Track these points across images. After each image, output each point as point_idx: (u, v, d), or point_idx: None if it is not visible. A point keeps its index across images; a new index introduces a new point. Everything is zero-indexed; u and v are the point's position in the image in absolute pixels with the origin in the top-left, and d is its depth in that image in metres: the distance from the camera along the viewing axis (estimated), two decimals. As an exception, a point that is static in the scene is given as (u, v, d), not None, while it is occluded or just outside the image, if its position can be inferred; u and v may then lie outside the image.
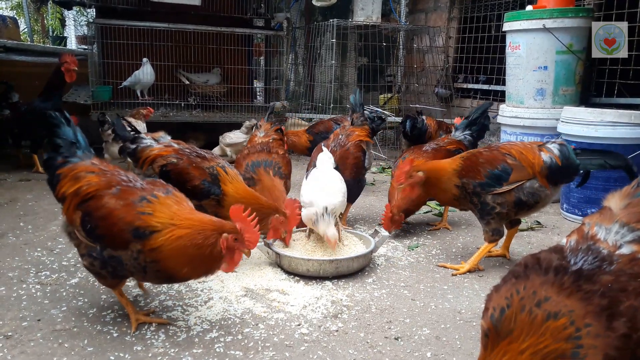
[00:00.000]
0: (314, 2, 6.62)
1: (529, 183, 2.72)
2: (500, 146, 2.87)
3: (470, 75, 6.50)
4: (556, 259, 1.36)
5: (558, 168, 2.71)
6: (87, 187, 2.10)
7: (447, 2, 6.66)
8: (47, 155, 2.27)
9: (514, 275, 1.36)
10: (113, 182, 2.10)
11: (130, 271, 2.05)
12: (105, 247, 2.02)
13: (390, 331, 2.22)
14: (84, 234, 2.06)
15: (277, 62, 7.37)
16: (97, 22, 6.06)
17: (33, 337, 2.09)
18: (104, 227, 2.00)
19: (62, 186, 2.15)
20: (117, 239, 1.98)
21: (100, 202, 2.04)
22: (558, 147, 2.77)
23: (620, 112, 3.80)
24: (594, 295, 1.24)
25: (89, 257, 2.08)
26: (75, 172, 2.16)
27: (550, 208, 4.40)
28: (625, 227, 1.43)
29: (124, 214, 1.98)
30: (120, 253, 2.00)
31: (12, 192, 4.21)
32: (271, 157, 3.28)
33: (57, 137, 2.24)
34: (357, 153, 3.57)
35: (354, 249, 2.98)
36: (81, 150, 2.25)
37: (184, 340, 2.11)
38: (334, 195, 2.96)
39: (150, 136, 2.99)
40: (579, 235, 1.47)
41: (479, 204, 2.74)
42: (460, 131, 3.80)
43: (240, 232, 2.01)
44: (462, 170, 2.79)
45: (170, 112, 6.29)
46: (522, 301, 1.25)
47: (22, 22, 11.79)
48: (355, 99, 3.91)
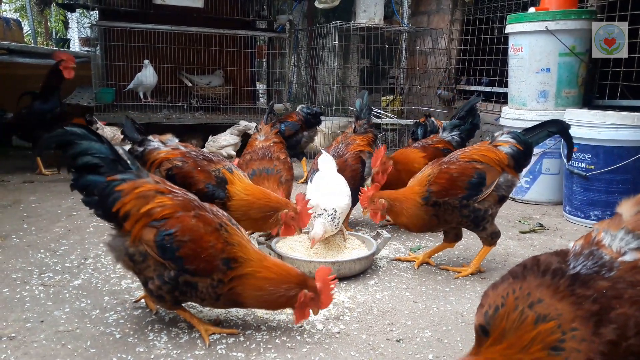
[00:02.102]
0: (316, 4, 6.62)
1: (502, 178, 2.77)
2: (459, 156, 2.85)
3: (473, 77, 6.50)
4: (556, 262, 1.36)
5: (520, 153, 2.80)
6: (161, 208, 2.01)
7: (449, 4, 6.67)
8: (90, 178, 2.05)
9: (512, 275, 1.38)
10: (188, 206, 2.06)
11: (200, 298, 2.04)
12: (183, 272, 1.97)
13: (392, 333, 2.22)
14: (158, 252, 1.98)
15: (280, 64, 7.39)
16: (100, 24, 6.09)
17: (36, 338, 2.10)
18: (192, 249, 1.96)
19: (124, 203, 2.00)
20: (203, 264, 1.96)
21: (186, 223, 1.99)
22: (510, 135, 2.87)
23: (623, 115, 3.80)
24: (586, 301, 1.24)
25: (159, 280, 2.00)
26: (140, 190, 2.04)
27: (553, 210, 4.40)
28: (631, 234, 1.42)
29: (214, 241, 1.98)
30: (199, 280, 1.98)
31: (15, 194, 4.23)
32: (272, 165, 3.27)
33: (90, 156, 2.05)
34: (355, 165, 3.48)
35: (356, 251, 2.98)
36: (134, 166, 2.12)
37: (186, 341, 2.11)
38: (340, 197, 2.96)
39: (157, 138, 2.98)
40: (585, 240, 1.47)
41: (471, 214, 2.74)
42: (447, 131, 3.69)
43: (319, 292, 2.06)
44: (439, 192, 2.73)
45: (173, 114, 6.31)
46: (516, 301, 1.27)
47: (25, 24, 11.84)
48: (361, 104, 3.79)
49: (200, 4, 6.11)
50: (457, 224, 2.85)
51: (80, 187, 2.08)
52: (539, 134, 2.87)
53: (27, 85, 5.37)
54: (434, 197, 2.73)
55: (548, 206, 4.52)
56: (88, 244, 3.18)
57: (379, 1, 6.25)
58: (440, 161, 2.90)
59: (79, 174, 2.07)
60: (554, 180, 4.50)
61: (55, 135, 2.07)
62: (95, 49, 6.32)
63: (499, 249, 3.32)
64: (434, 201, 2.74)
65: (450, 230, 2.96)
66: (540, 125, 2.91)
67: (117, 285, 2.61)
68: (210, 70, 6.93)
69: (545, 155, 4.44)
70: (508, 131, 2.94)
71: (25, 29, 11.41)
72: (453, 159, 2.86)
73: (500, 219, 3.95)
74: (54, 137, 2.08)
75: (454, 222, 2.83)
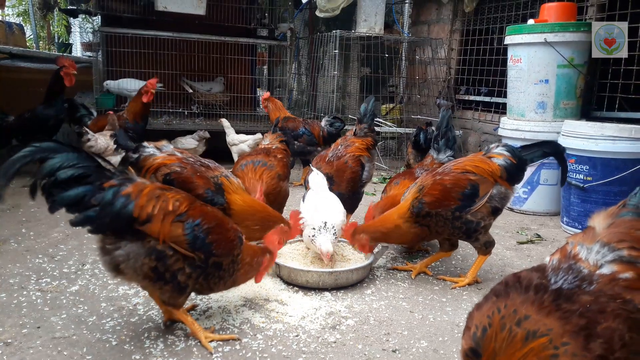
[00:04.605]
0: (317, 13, 6.66)
1: (495, 190, 2.78)
2: (453, 167, 2.86)
3: (472, 87, 6.53)
4: (536, 278, 1.36)
5: (514, 166, 2.82)
6: (179, 203, 2.05)
7: (449, 14, 6.71)
8: (82, 189, 1.91)
9: (495, 294, 1.37)
10: (193, 197, 2.18)
11: (219, 277, 2.15)
12: (211, 255, 2.08)
13: (388, 343, 2.23)
14: (189, 243, 2.02)
15: (280, 71, 7.42)
16: (102, 30, 6.11)
17: (32, 344, 2.10)
18: (218, 234, 2.11)
19: (142, 206, 1.96)
20: (229, 244, 2.15)
21: (205, 211, 2.12)
22: (505, 148, 2.88)
23: (621, 127, 3.82)
24: (573, 315, 1.24)
25: (190, 268, 2.04)
26: (148, 190, 2.01)
27: (550, 221, 4.41)
28: (606, 246, 1.43)
29: (230, 223, 2.20)
30: (223, 259, 2.14)
31: (14, 198, 4.23)
32: (267, 159, 3.30)
33: (73, 167, 1.90)
34: (355, 167, 3.50)
35: (354, 260, 2.99)
36: (117, 171, 2.06)
37: (182, 349, 2.11)
38: (335, 214, 2.96)
39: (153, 145, 3.00)
40: (561, 254, 1.48)
41: (463, 226, 2.75)
42: (443, 152, 3.57)
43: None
44: (432, 203, 2.73)
45: (173, 120, 6.33)
46: (503, 320, 1.26)
47: (28, 28, 11.90)
48: (366, 109, 3.81)
49: (202, 11, 6.14)
50: (448, 235, 2.86)
51: (72, 201, 1.88)
52: (534, 152, 2.88)
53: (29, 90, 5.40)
54: (426, 207, 2.74)
55: (546, 217, 4.53)
56: (86, 250, 3.18)
57: (379, 10, 6.29)
58: (434, 172, 2.90)
59: (63, 189, 1.87)
60: (552, 191, 4.51)
61: (24, 155, 1.81)
62: (96, 54, 6.35)
63: (496, 260, 3.32)
64: (426, 212, 2.74)
65: (444, 240, 2.97)
66: (537, 144, 2.93)
67: (114, 292, 2.62)
68: (211, 77, 6.97)
69: (544, 166, 4.45)
70: (504, 144, 2.96)
71: (27, 33, 11.46)
72: (447, 169, 2.87)
73: (498, 229, 3.97)
74: (22, 157, 1.81)
75: (445, 234, 2.84)
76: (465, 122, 6.41)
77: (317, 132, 5.14)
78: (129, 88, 6.04)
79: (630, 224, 1.49)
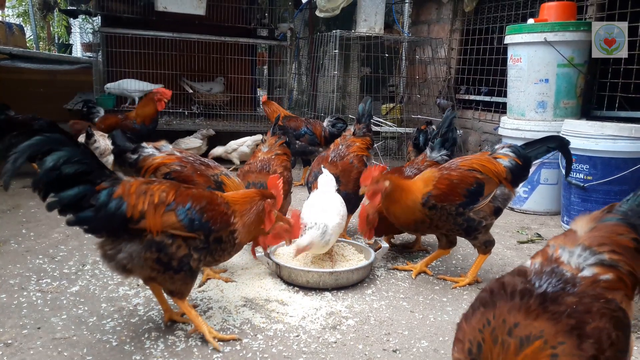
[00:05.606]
0: (317, 13, 6.66)
1: (499, 191, 2.79)
2: (459, 164, 2.85)
3: (472, 86, 6.53)
4: (520, 283, 1.36)
5: (519, 167, 2.82)
6: (165, 193, 2.07)
7: (449, 14, 6.71)
8: (82, 188, 1.92)
9: (482, 303, 1.35)
10: (177, 183, 2.22)
11: (222, 250, 2.18)
12: (210, 232, 2.10)
13: (389, 343, 2.22)
14: (187, 227, 2.05)
15: (281, 71, 7.42)
16: (102, 30, 6.12)
17: (33, 345, 2.10)
18: (211, 211, 2.12)
19: (134, 205, 1.98)
20: (224, 218, 2.16)
21: (191, 193, 2.14)
22: (510, 149, 2.88)
23: (621, 126, 3.81)
24: (562, 316, 1.24)
25: (194, 251, 2.09)
26: (134, 187, 2.03)
27: (551, 220, 4.41)
28: (588, 250, 1.45)
29: (219, 197, 2.22)
30: (222, 233, 2.15)
31: (15, 199, 4.24)
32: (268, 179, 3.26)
33: (78, 164, 1.90)
34: (361, 167, 3.49)
35: (354, 260, 2.99)
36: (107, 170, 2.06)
37: (183, 350, 2.11)
38: (333, 215, 2.93)
39: (151, 145, 3.01)
40: (543, 257, 1.49)
41: (464, 223, 2.75)
42: (436, 151, 3.53)
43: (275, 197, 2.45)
44: (439, 196, 2.73)
45: (174, 120, 6.33)
46: (494, 333, 1.24)
47: (28, 29, 11.91)
48: (364, 109, 3.83)
49: (202, 12, 6.14)
50: (447, 231, 2.85)
51: (71, 202, 1.88)
52: (538, 148, 2.89)
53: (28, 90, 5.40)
54: (432, 200, 2.74)
55: (546, 216, 4.53)
56: (86, 250, 3.18)
57: (379, 10, 6.29)
58: (440, 166, 2.91)
59: (62, 186, 1.86)
60: (553, 191, 4.51)
61: (33, 143, 1.81)
62: (96, 54, 6.36)
63: (496, 259, 3.32)
64: (432, 204, 2.74)
65: (442, 236, 2.97)
66: (540, 140, 2.93)
67: (114, 292, 2.62)
68: (211, 77, 6.97)
69: (544, 166, 4.45)
70: (509, 144, 2.95)
71: (27, 34, 11.47)
72: (454, 165, 2.88)
73: (498, 228, 3.96)
74: (31, 145, 1.81)
75: (444, 229, 2.83)
76: (466, 122, 6.41)
77: (319, 132, 5.13)
78: (130, 88, 6.06)
79: (611, 229, 1.51)
